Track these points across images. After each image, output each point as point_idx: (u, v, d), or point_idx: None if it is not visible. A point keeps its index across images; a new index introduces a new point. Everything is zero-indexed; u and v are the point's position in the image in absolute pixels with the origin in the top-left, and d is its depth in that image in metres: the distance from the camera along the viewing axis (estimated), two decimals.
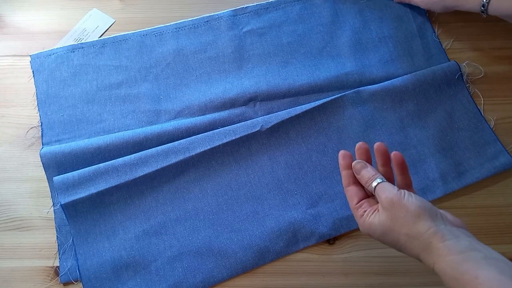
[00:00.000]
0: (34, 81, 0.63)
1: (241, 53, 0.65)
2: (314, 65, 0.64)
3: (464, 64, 0.63)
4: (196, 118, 0.60)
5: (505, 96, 0.63)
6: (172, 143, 0.56)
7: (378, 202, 0.40)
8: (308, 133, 0.59)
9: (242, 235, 0.54)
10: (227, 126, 0.58)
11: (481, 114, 0.60)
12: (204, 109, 0.61)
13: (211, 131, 0.57)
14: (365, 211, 0.40)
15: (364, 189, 0.43)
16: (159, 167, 0.55)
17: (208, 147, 0.56)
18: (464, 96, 0.62)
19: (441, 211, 0.39)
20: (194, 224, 0.54)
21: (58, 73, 0.64)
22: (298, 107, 0.60)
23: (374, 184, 0.40)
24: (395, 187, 0.39)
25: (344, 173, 0.44)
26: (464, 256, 0.33)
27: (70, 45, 0.66)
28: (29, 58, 0.65)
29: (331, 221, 0.54)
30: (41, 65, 0.64)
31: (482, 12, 0.58)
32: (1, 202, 0.56)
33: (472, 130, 0.59)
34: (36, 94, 0.62)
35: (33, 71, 0.64)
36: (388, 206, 0.38)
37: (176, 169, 0.56)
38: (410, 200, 0.37)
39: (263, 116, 0.60)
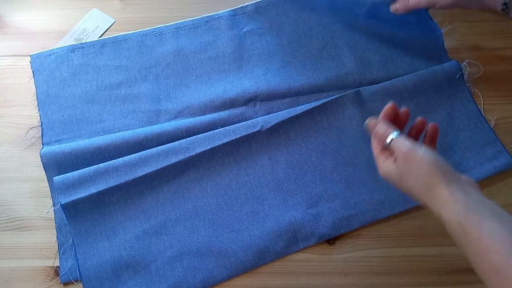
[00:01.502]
0: (34, 81, 0.63)
1: (241, 53, 0.65)
2: (314, 65, 0.64)
3: (464, 63, 0.63)
4: (196, 118, 0.60)
5: (505, 96, 0.63)
6: (172, 143, 0.56)
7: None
8: (308, 133, 0.59)
9: (242, 235, 0.54)
10: (227, 126, 0.58)
11: (481, 114, 0.60)
12: (204, 109, 0.61)
13: (211, 131, 0.57)
14: (385, 159, 0.42)
15: None
16: (159, 167, 0.55)
17: (208, 147, 0.56)
18: (464, 96, 0.61)
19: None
20: (194, 224, 0.54)
21: (58, 73, 0.64)
22: (298, 107, 0.60)
23: (388, 140, 0.41)
24: (410, 140, 0.40)
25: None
26: (471, 207, 0.35)
27: (70, 45, 0.66)
28: (29, 58, 0.65)
29: (331, 221, 0.54)
30: (41, 65, 0.64)
31: (503, 10, 0.51)
32: (1, 202, 0.56)
33: (472, 130, 0.59)
34: (36, 94, 0.62)
35: (33, 71, 0.64)
36: (404, 159, 0.39)
37: (176, 169, 0.56)
38: (425, 153, 0.39)
39: (263, 116, 0.60)
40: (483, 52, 0.66)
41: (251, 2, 0.69)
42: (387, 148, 0.42)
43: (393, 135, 0.41)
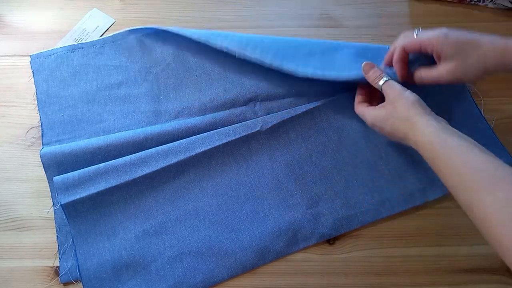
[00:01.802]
0: (34, 81, 0.63)
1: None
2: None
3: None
4: (196, 118, 0.59)
5: (505, 96, 0.63)
6: (172, 143, 0.56)
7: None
8: (308, 133, 0.59)
9: (242, 235, 0.54)
10: (227, 126, 0.58)
11: (481, 114, 0.60)
12: (204, 109, 0.61)
13: (211, 131, 0.57)
14: (374, 108, 0.50)
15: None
16: (159, 167, 0.55)
17: (208, 147, 0.56)
18: (464, 96, 0.61)
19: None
20: (194, 224, 0.54)
21: (58, 73, 0.64)
22: (298, 107, 0.60)
23: (381, 82, 0.49)
24: (399, 85, 0.48)
25: (359, 96, 0.55)
26: (440, 130, 0.42)
27: (70, 45, 0.66)
28: (29, 58, 0.65)
29: (331, 221, 0.54)
30: (41, 65, 0.64)
31: None
32: (1, 202, 0.56)
33: (472, 130, 0.59)
34: (36, 94, 0.62)
35: (33, 71, 0.64)
36: (393, 99, 0.47)
37: (176, 169, 0.56)
38: (410, 94, 0.46)
39: (263, 116, 0.60)
40: None
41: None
42: (371, 105, 0.51)
43: (386, 78, 0.49)
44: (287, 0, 0.72)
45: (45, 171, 0.56)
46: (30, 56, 0.65)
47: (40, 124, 0.60)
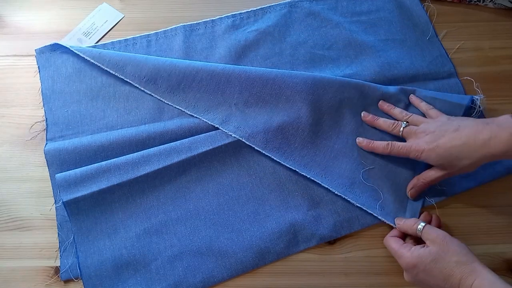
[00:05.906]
0: (40, 76, 0.63)
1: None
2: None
3: (481, 97, 0.60)
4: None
5: (505, 96, 0.63)
6: (175, 142, 0.56)
7: (418, 243, 0.49)
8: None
9: (242, 235, 0.54)
10: None
11: (482, 114, 0.60)
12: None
13: (213, 131, 0.58)
14: (411, 248, 0.48)
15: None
16: (161, 166, 0.55)
17: (210, 147, 0.56)
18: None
19: None
20: (195, 223, 0.54)
21: (64, 69, 0.64)
22: None
23: (420, 227, 0.48)
24: (438, 229, 0.48)
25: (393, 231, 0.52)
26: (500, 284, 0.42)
27: (76, 46, 0.65)
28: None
29: (332, 222, 0.54)
30: (47, 61, 0.64)
31: None
32: (2, 202, 0.56)
33: None
34: (41, 89, 0.63)
35: (38, 67, 0.64)
36: (439, 241, 0.46)
37: (178, 168, 0.56)
38: (457, 239, 0.47)
39: None
40: (483, 52, 0.66)
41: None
42: (407, 243, 0.49)
43: (423, 223, 0.49)
44: None
45: (48, 168, 0.56)
46: (35, 50, 0.65)
47: (45, 119, 0.60)
